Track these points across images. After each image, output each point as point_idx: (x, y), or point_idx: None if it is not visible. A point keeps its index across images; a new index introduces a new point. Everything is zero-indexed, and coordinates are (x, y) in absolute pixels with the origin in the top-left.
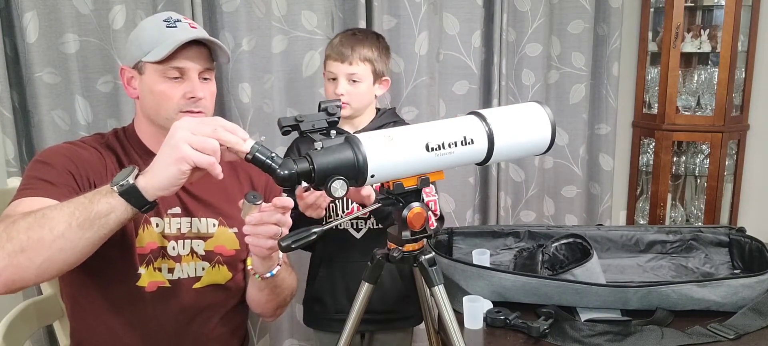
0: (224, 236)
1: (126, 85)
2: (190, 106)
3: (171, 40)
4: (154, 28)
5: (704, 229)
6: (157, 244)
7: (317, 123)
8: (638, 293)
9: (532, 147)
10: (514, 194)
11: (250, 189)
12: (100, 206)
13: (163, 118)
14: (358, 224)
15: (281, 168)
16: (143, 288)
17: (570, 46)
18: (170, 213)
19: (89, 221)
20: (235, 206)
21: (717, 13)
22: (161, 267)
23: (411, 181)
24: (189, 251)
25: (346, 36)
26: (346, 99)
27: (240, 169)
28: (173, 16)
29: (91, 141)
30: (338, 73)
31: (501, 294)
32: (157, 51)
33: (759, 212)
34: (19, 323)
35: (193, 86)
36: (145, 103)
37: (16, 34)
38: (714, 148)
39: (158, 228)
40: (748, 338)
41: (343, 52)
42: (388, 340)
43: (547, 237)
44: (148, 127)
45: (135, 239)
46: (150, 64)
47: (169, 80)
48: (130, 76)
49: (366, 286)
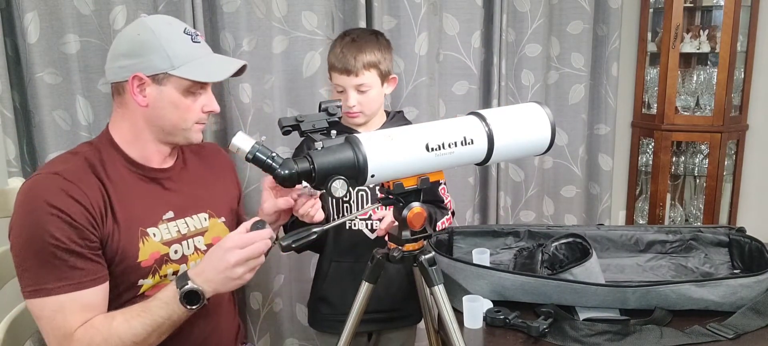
0: (216, 227)
1: (134, 91)
2: (204, 120)
3: (206, 61)
4: (181, 43)
5: (704, 229)
6: (160, 252)
7: (317, 123)
8: (637, 293)
9: (532, 147)
10: (513, 193)
11: (221, 172)
12: (174, 317)
13: (181, 130)
14: (373, 224)
15: (282, 168)
16: (146, 294)
17: (569, 47)
18: (165, 219)
19: (162, 332)
20: (219, 198)
21: (716, 13)
22: (167, 273)
23: (411, 181)
24: (193, 249)
25: (346, 44)
26: (357, 109)
27: (210, 159)
28: (191, 30)
29: (74, 178)
30: (346, 86)
31: (501, 293)
32: (193, 70)
33: (758, 211)
34: (19, 323)
35: (210, 100)
36: (159, 113)
37: (17, 35)
38: (713, 148)
39: (157, 237)
40: (747, 337)
41: (347, 65)
42: (394, 338)
43: (546, 237)
44: (141, 134)
45: (137, 253)
46: (176, 77)
47: (191, 94)
48: (141, 83)
49: (366, 286)
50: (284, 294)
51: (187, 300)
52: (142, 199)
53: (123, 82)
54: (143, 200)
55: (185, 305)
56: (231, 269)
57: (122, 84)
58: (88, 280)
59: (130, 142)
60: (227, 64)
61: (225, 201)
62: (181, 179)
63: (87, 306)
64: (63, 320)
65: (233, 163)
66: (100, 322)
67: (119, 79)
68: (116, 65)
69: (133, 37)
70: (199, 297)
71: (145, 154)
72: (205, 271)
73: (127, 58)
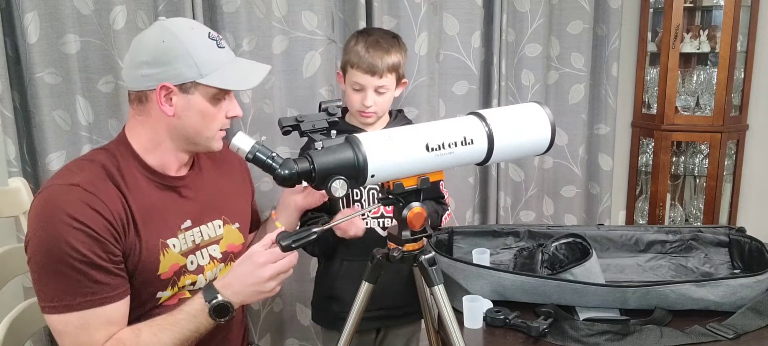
0: (231, 234)
1: (161, 102)
2: (227, 126)
3: (233, 68)
4: (207, 49)
5: (704, 229)
6: (179, 264)
7: (318, 123)
8: (637, 293)
9: (532, 147)
10: (513, 193)
11: (232, 172)
12: (201, 330)
13: (204, 138)
14: (385, 222)
15: (282, 168)
16: (163, 304)
17: (569, 47)
18: (183, 228)
19: (189, 345)
20: (232, 202)
21: (716, 13)
22: (185, 284)
23: (411, 181)
24: (208, 258)
25: (371, 44)
26: (373, 109)
27: (222, 161)
28: (215, 34)
29: (94, 190)
30: (366, 85)
31: (501, 293)
32: (222, 78)
33: (758, 211)
34: (19, 323)
35: (234, 105)
36: (186, 122)
37: (17, 35)
38: (713, 148)
39: (176, 248)
40: (747, 337)
41: (373, 66)
42: (401, 333)
43: (546, 237)
44: (162, 143)
45: (158, 265)
46: (204, 86)
47: (217, 101)
48: (168, 92)
49: (366, 286)
50: (284, 294)
51: (216, 313)
52: (161, 208)
53: (146, 90)
54: (162, 209)
55: (214, 318)
56: (264, 283)
57: (145, 93)
58: (113, 294)
59: (150, 150)
60: (254, 69)
61: (239, 204)
62: (197, 185)
63: (111, 321)
64: (88, 337)
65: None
66: (127, 336)
67: (143, 88)
68: (139, 73)
69: (157, 44)
70: (229, 310)
71: (164, 162)
72: (233, 284)
73: (151, 67)
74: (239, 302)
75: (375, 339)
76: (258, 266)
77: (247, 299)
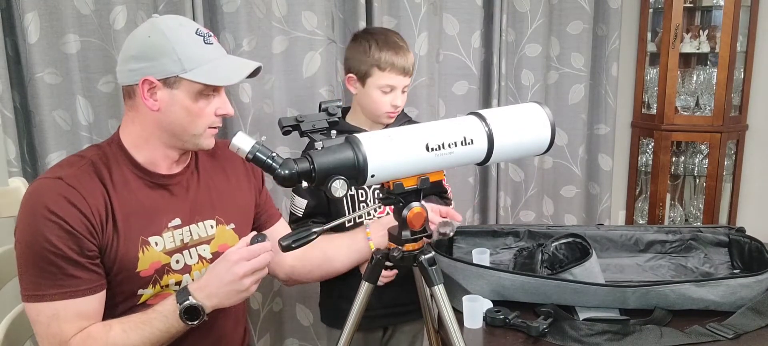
0: (224, 234)
1: (145, 96)
2: (218, 123)
3: (219, 64)
4: (193, 44)
5: (704, 229)
6: (160, 262)
7: (318, 123)
8: (636, 293)
9: (532, 147)
10: (513, 193)
11: (235, 171)
12: (172, 331)
13: (191, 135)
14: None
15: (282, 168)
16: (148, 303)
17: (569, 47)
18: (171, 226)
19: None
20: (230, 203)
21: (716, 13)
22: (168, 283)
23: (411, 181)
24: (197, 258)
25: (392, 46)
26: (400, 107)
27: (225, 161)
28: (204, 30)
29: (77, 184)
30: (398, 86)
31: (500, 293)
32: (205, 73)
33: (758, 211)
34: (19, 323)
35: (224, 103)
36: (171, 118)
37: (18, 35)
38: (713, 148)
39: (158, 246)
40: (747, 337)
41: (405, 66)
42: (407, 330)
43: (546, 237)
44: (150, 139)
45: (136, 263)
46: (187, 81)
47: (204, 98)
48: (152, 87)
49: (366, 286)
50: (284, 294)
51: (187, 316)
52: (146, 206)
53: (133, 85)
54: (147, 207)
55: (185, 321)
56: (239, 282)
57: (133, 87)
58: (84, 289)
59: (139, 147)
60: (241, 66)
61: (237, 205)
62: (191, 184)
63: (82, 314)
64: (58, 328)
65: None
66: (97, 331)
67: (129, 83)
68: (126, 68)
69: (144, 40)
70: (199, 313)
71: (153, 159)
72: (209, 285)
73: (137, 61)
74: (214, 305)
75: (382, 337)
76: (232, 264)
77: (223, 301)
